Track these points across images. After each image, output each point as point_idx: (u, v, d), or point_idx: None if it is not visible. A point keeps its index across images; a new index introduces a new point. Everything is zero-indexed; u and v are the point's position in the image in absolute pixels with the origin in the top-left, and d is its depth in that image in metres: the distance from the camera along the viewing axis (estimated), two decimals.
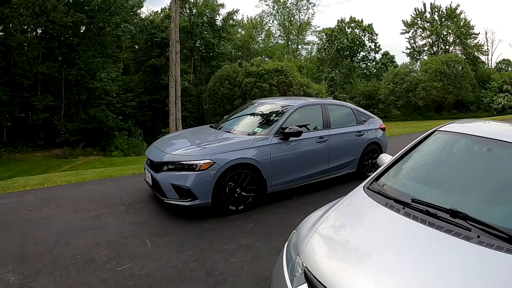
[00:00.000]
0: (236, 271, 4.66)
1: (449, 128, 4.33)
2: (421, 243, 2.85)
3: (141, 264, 4.81)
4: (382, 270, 2.64)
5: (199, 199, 6.20)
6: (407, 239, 2.94)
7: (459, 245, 2.71)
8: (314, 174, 7.92)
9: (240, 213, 6.62)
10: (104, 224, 6.15)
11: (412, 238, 2.94)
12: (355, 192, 3.81)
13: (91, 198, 7.54)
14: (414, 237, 2.93)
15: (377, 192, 3.63)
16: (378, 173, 4.04)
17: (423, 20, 68.22)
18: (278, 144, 7.06)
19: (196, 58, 58.29)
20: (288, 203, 7.35)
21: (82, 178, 9.54)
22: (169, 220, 6.34)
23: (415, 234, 2.95)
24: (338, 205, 3.61)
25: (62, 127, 38.65)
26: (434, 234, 2.86)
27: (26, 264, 4.81)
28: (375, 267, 2.69)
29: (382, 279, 2.55)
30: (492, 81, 57.33)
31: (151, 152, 7.30)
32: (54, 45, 40.00)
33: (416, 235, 2.94)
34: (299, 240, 3.26)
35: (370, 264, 2.77)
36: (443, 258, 2.63)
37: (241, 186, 6.62)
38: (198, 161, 6.18)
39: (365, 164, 9.19)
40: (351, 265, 2.80)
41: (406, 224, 3.06)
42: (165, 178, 6.35)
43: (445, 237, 2.81)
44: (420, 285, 2.43)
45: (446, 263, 2.58)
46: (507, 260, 2.52)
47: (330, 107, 8.54)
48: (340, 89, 64.86)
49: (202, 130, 8.93)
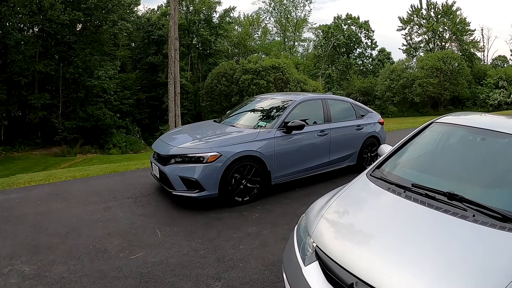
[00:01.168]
0: (246, 257, 4.83)
1: (446, 120, 4.53)
2: (421, 222, 3.06)
3: (153, 252, 4.97)
4: (386, 247, 2.86)
5: (207, 190, 6.39)
6: (409, 219, 3.15)
7: (456, 223, 2.92)
8: (316, 167, 8.13)
9: (246, 204, 6.82)
10: (113, 216, 6.32)
11: (413, 218, 3.14)
12: (359, 178, 4.01)
13: (98, 192, 7.70)
14: (415, 217, 3.14)
15: (379, 178, 3.83)
16: (379, 161, 4.23)
17: (419, 17, 67.84)
18: (281, 137, 7.26)
19: (193, 55, 58.00)
20: (291, 194, 7.55)
21: (87, 174, 9.69)
22: (177, 211, 6.52)
23: (416, 214, 3.15)
24: (344, 190, 3.82)
25: (59, 125, 38.40)
26: (433, 214, 3.07)
27: (40, 255, 4.93)
28: (380, 244, 2.92)
29: (386, 254, 2.77)
30: (488, 77, 57.09)
31: (158, 145, 7.46)
32: (51, 43, 39.89)
33: (417, 215, 3.15)
34: (308, 223, 3.46)
35: (375, 241, 2.99)
36: (442, 235, 2.87)
37: (247, 178, 6.81)
38: (205, 154, 6.37)
39: (364, 157, 9.39)
40: (359, 242, 3.03)
41: (407, 206, 3.27)
42: (173, 171, 6.53)
43: (443, 216, 3.01)
44: (421, 258, 2.63)
45: (445, 239, 2.81)
46: (500, 236, 2.73)
47: (331, 102, 8.75)
48: (336, 85, 64.71)
49: (206, 124, 9.11)
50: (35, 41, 37.70)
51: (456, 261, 2.57)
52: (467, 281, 2.40)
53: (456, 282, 2.40)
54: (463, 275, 2.45)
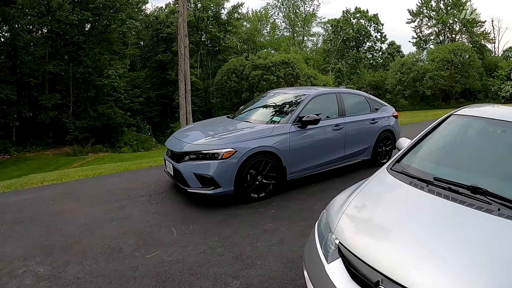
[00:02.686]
0: (264, 255, 4.73)
1: (464, 112, 4.40)
2: (446, 216, 2.95)
3: (169, 251, 4.88)
4: (411, 242, 2.75)
5: (222, 187, 6.29)
6: (433, 213, 3.04)
7: (481, 217, 2.81)
8: (331, 161, 8.02)
9: (261, 200, 6.72)
10: (127, 215, 6.24)
11: (437, 212, 3.03)
12: (380, 172, 3.90)
13: (111, 191, 7.64)
14: (439, 211, 3.03)
15: (400, 172, 3.72)
16: (399, 155, 4.11)
17: (429, 9, 67.35)
18: (296, 132, 7.15)
19: (202, 52, 58.08)
20: (307, 189, 7.44)
21: (99, 172, 9.66)
22: (191, 209, 6.43)
23: (440, 209, 3.04)
24: (365, 184, 3.71)
25: (71, 125, 38.74)
26: (457, 208, 2.96)
27: (54, 256, 4.87)
28: (404, 240, 2.80)
29: (412, 250, 2.66)
30: (500, 69, 56.59)
31: (171, 143, 7.36)
32: (60, 43, 40.15)
33: (441, 209, 3.04)
34: (330, 219, 3.34)
35: (399, 237, 2.87)
36: (468, 229, 2.77)
37: (262, 174, 6.71)
38: (220, 150, 6.27)
39: (379, 151, 9.26)
40: (382, 238, 2.93)
41: (430, 200, 3.16)
42: (188, 168, 6.44)
43: (468, 211, 2.90)
44: (447, 253, 2.53)
45: (471, 233, 2.71)
46: None
47: (344, 96, 8.63)
48: (347, 80, 64.39)
49: (220, 120, 9.00)
50: (44, 42, 37.97)
51: (483, 255, 2.48)
52: (494, 275, 2.31)
53: (483, 276, 2.32)
54: (490, 269, 2.36)
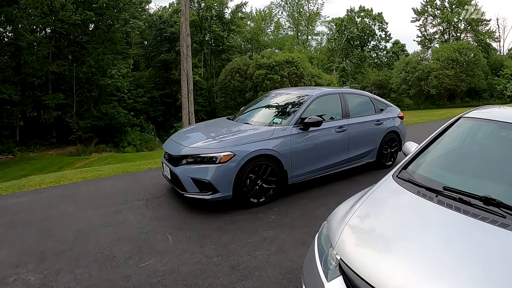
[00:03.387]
0: (262, 265, 4.53)
1: (474, 115, 4.18)
2: (458, 232, 2.72)
3: (163, 259, 4.70)
4: (421, 261, 2.49)
5: (220, 192, 6.09)
6: (443, 228, 2.82)
7: (496, 232, 2.60)
8: (335, 164, 7.79)
9: (262, 205, 6.50)
10: (124, 220, 6.06)
11: (448, 227, 2.81)
12: (385, 180, 3.68)
13: (109, 194, 7.48)
14: (451, 226, 2.80)
15: (407, 181, 3.50)
16: (406, 161, 3.90)
17: (434, 7, 67.41)
18: (298, 135, 6.93)
19: (206, 51, 58.20)
20: (309, 193, 7.21)
21: (98, 175, 9.49)
22: (189, 214, 6.23)
23: (452, 223, 2.82)
24: (369, 194, 3.49)
25: (74, 124, 38.68)
26: (470, 222, 2.74)
27: (46, 263, 4.71)
28: (414, 259, 2.54)
29: (421, 270, 2.42)
30: (505, 68, 56.67)
31: (169, 145, 7.16)
32: (63, 43, 40.10)
33: (453, 224, 2.81)
34: (331, 232, 3.12)
35: (408, 255, 2.61)
36: (482, 247, 2.53)
37: (262, 178, 6.49)
38: (218, 154, 6.06)
39: (384, 154, 9.06)
40: (389, 256, 2.68)
41: (440, 213, 2.93)
42: (185, 172, 6.24)
43: (481, 225, 2.69)
44: (461, 274, 2.31)
45: (486, 250, 2.48)
46: None
47: (348, 96, 8.40)
48: (351, 79, 64.55)
49: (219, 122, 8.75)
50: (47, 42, 37.84)
51: (498, 275, 2.26)
52: None
53: None
54: None
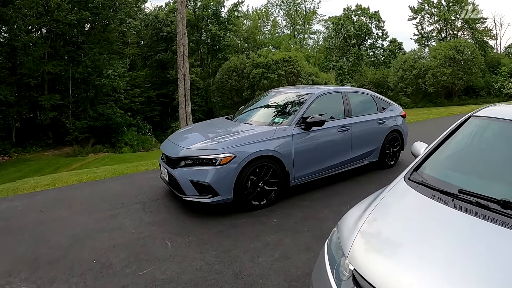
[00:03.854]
0: (266, 272, 4.31)
1: (484, 113, 4.01)
2: (478, 239, 2.54)
3: (162, 267, 4.47)
4: (442, 272, 2.29)
5: (220, 195, 5.87)
6: (465, 235, 2.62)
7: None
8: (337, 165, 7.59)
9: (263, 208, 6.29)
10: (120, 225, 5.84)
11: (468, 233, 2.62)
12: (396, 183, 3.46)
13: (104, 197, 7.25)
14: (471, 232, 2.62)
15: (420, 183, 3.29)
16: (416, 162, 3.70)
17: (430, 5, 67.39)
18: (300, 135, 6.72)
19: (203, 51, 58.14)
20: (311, 195, 7.02)
21: (94, 177, 9.27)
22: (188, 218, 6.00)
23: (471, 229, 2.64)
24: (381, 198, 3.27)
25: (70, 125, 38.45)
26: (489, 228, 2.57)
27: (40, 271, 4.50)
28: (434, 269, 2.33)
29: (444, 283, 2.21)
30: (502, 66, 56.75)
31: (166, 147, 6.93)
32: (59, 44, 39.85)
33: (472, 230, 2.63)
34: (342, 240, 2.89)
35: (428, 265, 2.39)
36: (505, 253, 2.34)
37: (264, 180, 6.28)
38: (218, 155, 5.83)
39: (387, 153, 8.88)
40: (407, 267, 2.45)
41: (459, 218, 2.74)
42: (183, 174, 6.01)
43: (502, 231, 2.51)
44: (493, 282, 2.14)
45: (506, 261, 2.27)
46: None
47: (350, 95, 8.20)
48: (348, 77, 64.41)
49: (218, 122, 8.52)
50: (43, 42, 37.55)
51: None
52: None
53: None
54: None
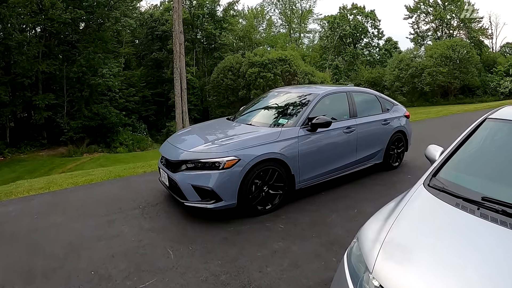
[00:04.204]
0: (275, 282, 4.05)
1: (500, 115, 3.86)
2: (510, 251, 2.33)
3: (165, 278, 4.21)
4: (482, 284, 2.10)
5: (224, 200, 5.60)
6: (496, 247, 2.41)
7: None
8: (343, 167, 7.36)
9: (268, 213, 6.04)
10: (118, 232, 5.56)
11: (500, 245, 2.42)
12: (416, 191, 3.26)
13: (101, 202, 6.96)
14: (502, 244, 2.42)
15: (442, 190, 3.10)
16: (435, 168, 3.53)
17: (426, 4, 67.61)
18: (305, 136, 6.48)
19: (198, 50, 57.88)
20: (317, 198, 6.78)
21: (90, 179, 8.98)
22: (190, 225, 5.73)
23: (501, 240, 2.44)
24: (402, 206, 3.05)
25: (65, 125, 38.16)
26: None
27: (35, 283, 4.24)
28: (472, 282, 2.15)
29: None
30: (498, 65, 56.85)
31: (166, 149, 6.65)
32: (54, 43, 39.48)
33: (503, 240, 2.43)
34: (365, 252, 2.67)
35: (461, 279, 2.20)
36: None
37: (269, 184, 6.03)
38: (221, 159, 5.57)
39: (391, 154, 8.65)
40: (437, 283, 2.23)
41: (486, 228, 2.56)
42: (185, 179, 5.73)
43: None
44: None
45: None
46: None
47: (355, 95, 7.96)
48: (344, 76, 64.38)
49: (219, 123, 8.18)
50: (37, 41, 37.23)
51: None
52: None
53: None
54: None
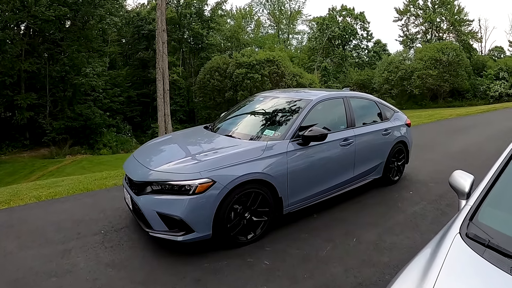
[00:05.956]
0: None
1: None
2: None
3: None
4: None
5: (196, 231, 4.59)
6: None
7: None
8: (338, 185, 6.37)
9: (250, 243, 5.06)
10: (72, 266, 4.60)
11: None
12: (452, 244, 2.36)
13: (60, 224, 5.98)
14: None
15: (487, 246, 2.25)
16: (471, 209, 2.62)
17: (416, 7, 68.44)
18: (296, 151, 5.46)
19: (185, 50, 57.47)
20: (308, 223, 5.82)
21: (54, 193, 8.00)
22: (156, 259, 4.75)
23: None
24: (437, 270, 2.18)
25: (47, 125, 37.68)
26: None
27: None
28: None
29: None
30: (488, 68, 57.38)
31: (129, 166, 5.63)
32: (38, 41, 38.70)
33: None
34: None
35: None
36: None
37: (251, 209, 5.02)
38: (192, 181, 4.53)
39: (391, 168, 7.72)
40: None
41: None
42: (149, 204, 4.72)
43: None
44: None
45: None
46: None
47: (353, 101, 6.96)
48: (333, 78, 64.30)
49: (195, 133, 7.08)
50: (19, 39, 36.25)
51: None
52: None
53: None
54: None
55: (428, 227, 5.64)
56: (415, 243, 5.08)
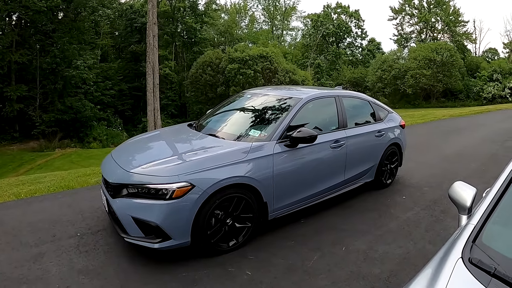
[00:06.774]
0: None
1: None
2: None
3: None
4: None
5: (174, 238, 4.29)
6: None
7: None
8: (328, 189, 6.09)
9: (232, 251, 4.77)
10: (43, 272, 4.31)
11: None
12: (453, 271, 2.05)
13: (36, 225, 5.69)
14: None
15: (493, 275, 1.95)
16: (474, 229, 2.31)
17: (411, 6, 68.57)
18: (283, 153, 5.17)
19: (178, 44, 57.07)
20: (295, 229, 5.54)
21: (34, 190, 7.71)
22: (132, 266, 4.46)
23: None
24: None
25: (37, 118, 37.26)
26: None
27: None
28: None
29: None
30: (482, 69, 57.27)
31: (106, 166, 5.32)
32: (29, 32, 38.26)
33: None
34: None
35: None
36: None
37: (233, 215, 4.73)
38: (169, 185, 4.23)
39: (383, 171, 7.46)
40: None
41: None
42: (124, 208, 4.41)
43: None
44: None
45: None
46: None
47: (345, 100, 6.67)
48: (326, 75, 64.18)
49: (177, 131, 6.79)
50: (10, 30, 35.83)
51: None
52: None
53: None
54: None
55: (422, 236, 5.38)
56: (408, 253, 4.81)
